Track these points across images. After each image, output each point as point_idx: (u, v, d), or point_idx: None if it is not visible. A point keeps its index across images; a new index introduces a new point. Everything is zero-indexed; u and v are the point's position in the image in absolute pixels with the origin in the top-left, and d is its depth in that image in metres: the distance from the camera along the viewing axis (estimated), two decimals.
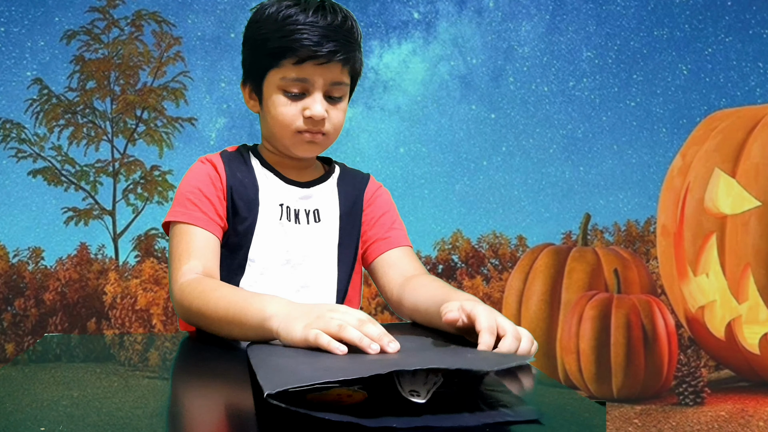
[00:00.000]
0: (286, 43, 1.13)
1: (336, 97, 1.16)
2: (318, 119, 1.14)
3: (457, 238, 6.00)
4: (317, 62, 1.12)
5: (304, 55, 1.12)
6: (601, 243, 5.06)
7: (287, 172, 1.22)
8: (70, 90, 5.53)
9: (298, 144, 1.17)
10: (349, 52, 1.14)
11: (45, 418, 0.65)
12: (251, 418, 0.63)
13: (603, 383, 3.81)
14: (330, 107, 1.16)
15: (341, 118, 1.18)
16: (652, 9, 3.97)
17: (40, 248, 5.82)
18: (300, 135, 1.16)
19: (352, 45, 1.15)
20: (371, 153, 3.92)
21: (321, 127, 1.15)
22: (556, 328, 4.02)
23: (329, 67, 1.13)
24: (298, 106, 1.15)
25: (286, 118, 1.15)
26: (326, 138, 1.17)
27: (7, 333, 5.65)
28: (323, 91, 1.15)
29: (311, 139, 1.16)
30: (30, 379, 0.84)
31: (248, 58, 1.21)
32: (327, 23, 1.13)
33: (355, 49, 1.16)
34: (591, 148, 4.09)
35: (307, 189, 1.22)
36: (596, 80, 4.00)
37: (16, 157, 5.76)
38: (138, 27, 5.55)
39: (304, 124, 1.15)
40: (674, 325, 3.97)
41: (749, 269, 3.73)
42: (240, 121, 4.12)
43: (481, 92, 4.01)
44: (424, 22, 3.90)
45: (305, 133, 1.15)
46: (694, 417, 3.64)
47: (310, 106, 1.14)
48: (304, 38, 1.12)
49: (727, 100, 4.09)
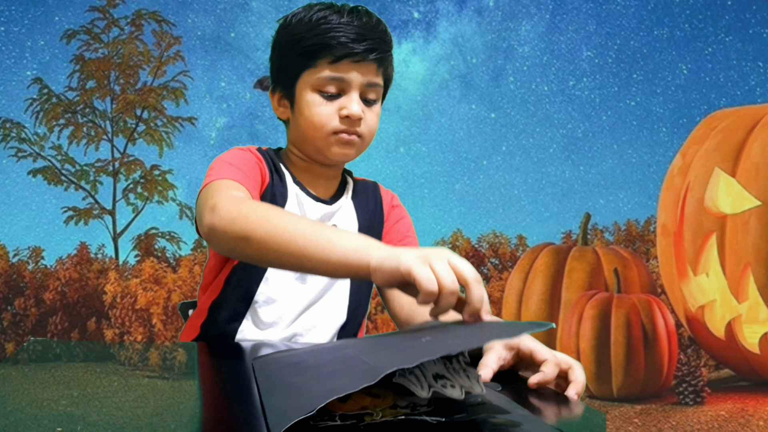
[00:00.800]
0: (322, 40, 1.11)
1: (371, 100, 1.14)
2: (355, 118, 1.11)
3: (457, 237, 6.00)
4: (354, 60, 1.10)
5: (340, 52, 1.10)
6: (601, 242, 5.05)
7: (313, 188, 1.20)
8: (70, 89, 5.53)
9: (333, 145, 1.13)
10: (384, 51, 1.12)
11: (45, 417, 0.65)
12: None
13: (603, 383, 3.81)
14: (365, 109, 1.13)
15: (375, 121, 1.15)
16: (652, 9, 3.97)
17: (40, 248, 5.81)
18: (335, 136, 1.12)
19: (386, 45, 1.14)
20: (371, 153, 3.91)
21: (357, 127, 1.12)
22: (556, 328, 4.02)
23: (365, 65, 1.11)
24: (334, 106, 1.12)
25: (321, 118, 1.12)
26: (362, 141, 1.14)
27: (7, 333, 5.65)
28: (359, 92, 1.13)
29: (348, 140, 1.12)
30: (30, 379, 0.84)
31: (279, 61, 1.17)
32: (362, 23, 1.11)
33: (389, 51, 1.15)
34: (591, 147, 4.09)
35: (329, 206, 1.19)
36: (596, 80, 4.00)
37: (16, 156, 5.75)
38: (138, 26, 5.55)
39: (340, 124, 1.12)
40: (674, 325, 3.97)
41: (749, 269, 3.73)
42: (240, 120, 4.12)
43: (481, 92, 4.00)
44: (424, 21, 3.90)
45: (342, 133, 1.12)
46: (694, 416, 3.64)
47: (347, 105, 1.11)
48: (341, 36, 1.10)
49: (727, 100, 4.08)
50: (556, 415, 0.74)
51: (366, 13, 1.13)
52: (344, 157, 1.15)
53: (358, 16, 1.12)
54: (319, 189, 1.19)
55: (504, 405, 0.70)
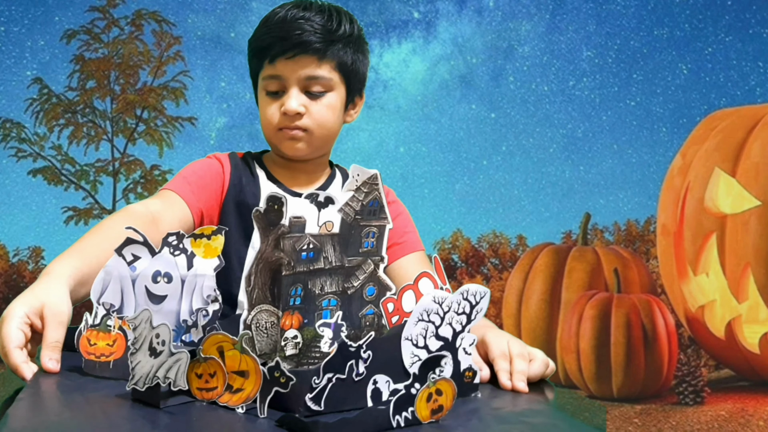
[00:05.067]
0: (260, 43, 1.12)
1: (316, 93, 1.14)
2: (291, 114, 1.12)
3: (457, 237, 6.00)
4: (287, 56, 1.11)
5: (274, 51, 1.11)
6: (601, 242, 5.05)
7: (291, 183, 1.20)
8: (70, 89, 5.52)
9: (282, 142, 1.16)
10: (322, 42, 1.11)
11: None
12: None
13: (603, 383, 3.81)
14: (310, 102, 1.14)
15: (324, 113, 1.15)
16: (652, 9, 3.97)
17: (40, 248, 5.81)
18: (281, 132, 1.15)
19: (328, 37, 1.12)
20: (371, 152, 3.92)
21: (297, 122, 1.14)
22: (556, 328, 4.02)
23: (301, 60, 1.11)
24: (276, 104, 1.14)
25: (267, 116, 1.16)
26: (309, 134, 1.15)
27: None
28: (300, 87, 1.13)
29: (291, 135, 1.15)
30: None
31: (249, 67, 1.22)
32: (302, 16, 1.11)
33: (333, 42, 1.13)
34: (591, 147, 4.09)
35: None
36: (596, 80, 4.00)
37: (16, 156, 5.75)
38: (138, 26, 5.54)
39: (281, 121, 1.14)
40: (674, 325, 3.97)
41: (749, 269, 3.73)
42: (240, 120, 4.12)
43: (481, 92, 4.01)
44: (424, 21, 3.90)
45: (285, 129, 1.14)
46: (694, 416, 3.64)
47: (284, 102, 1.13)
48: (272, 34, 1.11)
49: (727, 100, 4.08)
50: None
51: (320, 10, 1.13)
52: (296, 151, 1.17)
53: (305, 12, 1.11)
54: (301, 184, 1.21)
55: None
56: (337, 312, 0.64)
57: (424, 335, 0.67)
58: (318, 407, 0.64)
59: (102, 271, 0.72)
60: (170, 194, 1.11)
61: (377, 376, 0.65)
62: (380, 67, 3.94)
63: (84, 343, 0.71)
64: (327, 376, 0.63)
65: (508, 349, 0.85)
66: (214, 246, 0.71)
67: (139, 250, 0.74)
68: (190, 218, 1.11)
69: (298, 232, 0.71)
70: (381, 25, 3.74)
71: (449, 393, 0.65)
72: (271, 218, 0.71)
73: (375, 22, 3.74)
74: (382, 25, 3.74)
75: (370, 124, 3.95)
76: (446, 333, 0.68)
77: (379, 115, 3.96)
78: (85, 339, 0.71)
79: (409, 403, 0.63)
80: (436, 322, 0.67)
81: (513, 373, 0.82)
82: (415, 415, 0.64)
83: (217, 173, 1.17)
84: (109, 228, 0.94)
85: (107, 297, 0.71)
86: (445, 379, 0.64)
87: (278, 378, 0.63)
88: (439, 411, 0.65)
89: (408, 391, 0.64)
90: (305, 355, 0.70)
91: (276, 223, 0.71)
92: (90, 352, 0.71)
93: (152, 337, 0.65)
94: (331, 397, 0.64)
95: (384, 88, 3.95)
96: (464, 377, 0.72)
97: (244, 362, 0.65)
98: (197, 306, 0.73)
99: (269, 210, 0.70)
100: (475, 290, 0.69)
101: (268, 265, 0.71)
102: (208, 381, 0.66)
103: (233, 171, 1.18)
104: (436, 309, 0.68)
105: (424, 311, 0.67)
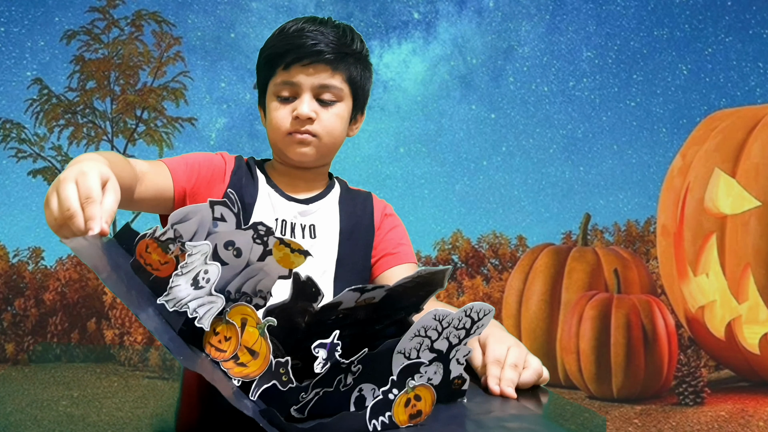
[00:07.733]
0: (276, 50, 1.16)
1: (326, 101, 1.18)
2: (303, 118, 1.16)
3: (457, 237, 6.00)
4: (302, 64, 1.15)
5: (290, 58, 1.15)
6: (601, 243, 5.05)
7: (290, 189, 1.23)
8: (70, 90, 5.53)
9: (290, 146, 1.19)
10: (336, 54, 1.16)
11: (45, 418, 0.65)
12: None
13: (603, 383, 3.81)
14: (321, 109, 1.17)
15: (334, 121, 1.19)
16: (652, 9, 3.97)
17: (40, 248, 5.81)
18: (290, 137, 1.18)
19: (342, 50, 1.17)
20: (371, 153, 3.92)
21: (308, 127, 1.16)
22: (556, 328, 4.02)
23: (315, 68, 1.16)
24: (288, 109, 1.18)
25: (278, 120, 1.18)
26: (319, 140, 1.18)
27: (7, 333, 5.65)
28: (312, 94, 1.16)
29: (301, 139, 1.18)
30: (30, 379, 0.84)
31: (257, 74, 1.25)
32: (317, 29, 1.17)
33: (347, 56, 1.18)
34: (591, 148, 4.09)
35: (306, 205, 1.22)
36: (596, 80, 4.00)
37: (16, 157, 5.75)
38: (138, 27, 5.55)
39: (293, 125, 1.17)
40: (674, 325, 3.97)
41: (749, 269, 3.73)
42: (240, 121, 4.12)
43: (481, 92, 4.01)
44: (424, 22, 3.90)
45: (295, 133, 1.17)
46: (694, 417, 3.64)
47: (297, 106, 1.16)
48: (291, 42, 1.16)
49: (727, 100, 4.08)
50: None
51: (333, 25, 1.19)
52: (303, 156, 1.20)
53: (320, 25, 1.18)
54: (299, 191, 1.24)
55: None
56: (335, 331, 0.64)
57: (418, 348, 0.67)
58: (301, 415, 0.64)
59: (193, 206, 0.73)
60: (161, 165, 1.14)
61: (363, 384, 0.65)
62: (380, 68, 3.94)
63: (141, 247, 0.72)
64: (315, 390, 0.63)
65: (505, 356, 0.86)
66: (292, 261, 0.72)
67: (227, 215, 0.75)
68: (171, 193, 1.14)
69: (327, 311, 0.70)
70: (381, 26, 3.75)
71: (428, 398, 0.65)
72: (303, 304, 0.69)
73: (375, 22, 3.74)
74: (382, 25, 3.75)
75: (370, 125, 3.95)
76: (441, 346, 0.68)
77: (379, 116, 3.96)
78: (145, 244, 0.72)
79: (386, 408, 0.63)
80: (432, 336, 0.67)
81: (502, 379, 0.82)
82: (393, 420, 0.64)
83: (217, 166, 1.20)
84: (113, 154, 0.96)
85: (183, 227, 0.72)
86: (424, 385, 0.64)
87: (281, 375, 0.63)
88: (417, 416, 0.65)
89: (386, 396, 0.64)
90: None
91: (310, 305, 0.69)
92: (143, 256, 0.72)
93: (201, 271, 0.66)
94: (316, 405, 0.64)
95: (384, 89, 3.95)
96: (453, 384, 0.72)
97: (259, 343, 0.65)
98: (246, 290, 0.74)
99: (300, 294, 0.69)
100: (480, 308, 0.69)
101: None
102: (221, 342, 0.66)
103: (236, 171, 1.21)
104: (435, 325, 0.67)
105: (422, 327, 0.67)
